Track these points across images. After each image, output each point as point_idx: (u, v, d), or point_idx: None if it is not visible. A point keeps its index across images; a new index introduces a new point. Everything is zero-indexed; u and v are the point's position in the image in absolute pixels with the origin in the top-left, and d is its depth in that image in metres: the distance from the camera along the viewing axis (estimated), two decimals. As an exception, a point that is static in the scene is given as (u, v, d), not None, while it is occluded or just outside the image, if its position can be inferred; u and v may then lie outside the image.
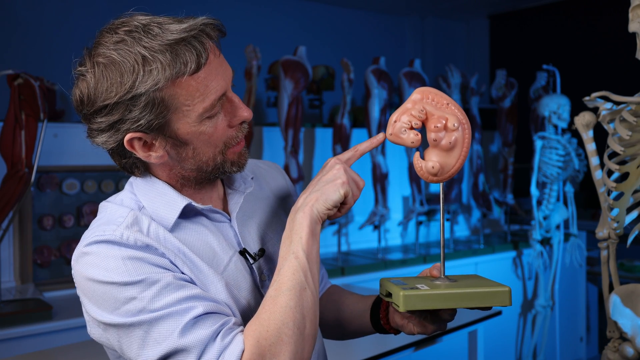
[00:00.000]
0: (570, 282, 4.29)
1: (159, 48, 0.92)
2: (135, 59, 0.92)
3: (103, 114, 0.94)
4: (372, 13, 5.81)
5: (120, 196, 1.07)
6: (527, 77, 4.55)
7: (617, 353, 1.80)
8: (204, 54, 0.94)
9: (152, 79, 0.91)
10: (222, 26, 1.00)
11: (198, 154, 1.00)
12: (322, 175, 1.01)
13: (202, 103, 0.95)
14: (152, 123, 0.94)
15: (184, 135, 0.97)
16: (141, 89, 0.91)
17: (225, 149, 1.01)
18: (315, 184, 1.01)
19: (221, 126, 1.00)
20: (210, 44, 0.96)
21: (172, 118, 0.95)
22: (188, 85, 0.94)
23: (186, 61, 0.92)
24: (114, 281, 0.92)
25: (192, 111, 0.95)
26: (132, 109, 0.93)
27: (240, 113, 1.01)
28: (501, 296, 1.00)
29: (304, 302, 0.94)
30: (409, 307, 0.98)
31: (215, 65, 0.97)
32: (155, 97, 0.93)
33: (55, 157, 2.89)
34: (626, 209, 1.79)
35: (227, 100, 1.00)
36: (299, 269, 0.95)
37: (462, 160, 1.01)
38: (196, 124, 0.96)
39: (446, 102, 1.02)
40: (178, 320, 0.91)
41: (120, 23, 0.96)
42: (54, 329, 2.41)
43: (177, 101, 0.94)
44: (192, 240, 1.03)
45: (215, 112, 0.98)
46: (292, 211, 1.00)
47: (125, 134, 0.96)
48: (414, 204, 3.76)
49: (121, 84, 0.92)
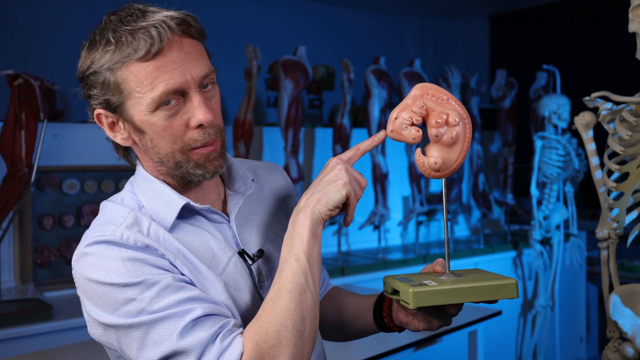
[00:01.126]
0: (570, 282, 4.29)
1: (124, 32, 0.96)
2: (104, 40, 0.97)
3: (81, 86, 1.03)
4: (372, 13, 5.81)
5: (120, 195, 1.07)
6: (527, 77, 4.55)
7: (617, 353, 1.80)
8: (157, 44, 0.95)
9: (105, 59, 0.97)
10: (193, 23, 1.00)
11: (156, 146, 1.00)
12: (323, 175, 1.01)
13: (150, 93, 0.96)
14: (110, 102, 0.99)
15: (139, 123, 0.99)
16: (96, 66, 0.97)
17: (186, 148, 1.00)
18: (317, 184, 1.00)
19: (177, 123, 0.99)
20: (173, 37, 0.96)
21: (128, 103, 0.98)
22: (137, 71, 0.96)
23: (137, 48, 0.95)
24: (113, 282, 0.93)
25: (143, 99, 0.97)
26: (94, 85, 0.99)
27: (197, 114, 0.99)
28: (509, 288, 1.00)
29: (304, 305, 0.94)
30: (419, 304, 0.98)
31: (174, 59, 0.96)
32: (109, 78, 0.97)
33: (55, 157, 2.89)
34: (626, 209, 1.79)
35: (188, 99, 0.99)
36: (299, 271, 0.95)
37: (463, 155, 1.01)
38: (148, 112, 0.97)
39: (446, 98, 1.02)
40: (177, 322, 0.91)
41: (123, 8, 1.00)
42: (54, 329, 2.40)
43: (128, 86, 0.97)
44: (191, 240, 1.03)
45: (172, 106, 0.97)
46: (294, 212, 1.00)
47: (95, 109, 1.02)
48: (414, 204, 3.76)
49: (86, 60, 0.99)
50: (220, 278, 1.01)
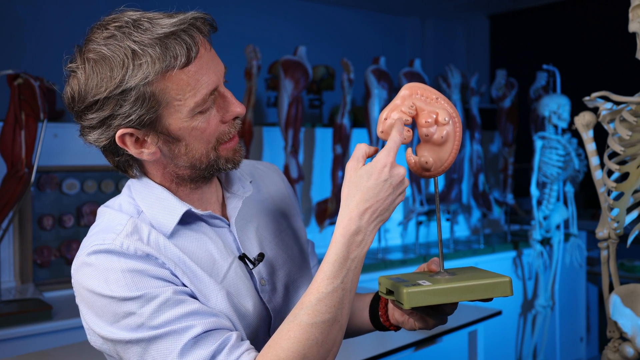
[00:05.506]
0: (570, 282, 4.29)
1: (149, 42, 0.91)
2: (125, 53, 0.91)
3: (94, 110, 0.94)
4: (372, 13, 5.80)
5: (118, 200, 1.05)
6: (527, 77, 4.55)
7: (617, 353, 1.80)
8: (194, 47, 0.93)
9: (142, 72, 0.91)
10: (213, 21, 0.99)
11: (190, 151, 0.98)
12: (386, 187, 0.93)
13: (194, 97, 0.94)
14: (144, 118, 0.93)
15: (176, 131, 0.96)
16: (131, 83, 0.91)
17: (218, 145, 1.00)
18: (376, 195, 0.93)
19: (214, 121, 0.98)
20: (200, 38, 0.96)
21: (164, 113, 0.94)
22: (179, 79, 0.93)
23: (176, 54, 0.92)
24: (113, 295, 0.91)
25: (184, 106, 0.94)
26: (122, 104, 0.92)
27: (232, 108, 1.00)
28: (503, 286, 1.00)
29: (331, 336, 0.91)
30: (413, 304, 0.97)
31: (207, 60, 0.96)
32: (146, 92, 0.92)
33: (55, 157, 2.89)
34: (626, 209, 1.79)
35: (220, 95, 0.99)
36: (341, 302, 0.91)
37: (454, 153, 1.01)
38: (188, 119, 0.95)
39: (435, 97, 1.02)
40: (177, 340, 0.90)
41: (111, 19, 0.95)
42: (54, 329, 2.40)
43: (168, 95, 0.93)
44: (191, 247, 1.01)
45: (207, 107, 0.97)
46: (347, 228, 0.93)
47: (117, 130, 0.95)
48: (413, 204, 3.76)
49: (111, 79, 0.91)
50: (221, 286, 1.00)
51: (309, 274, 1.18)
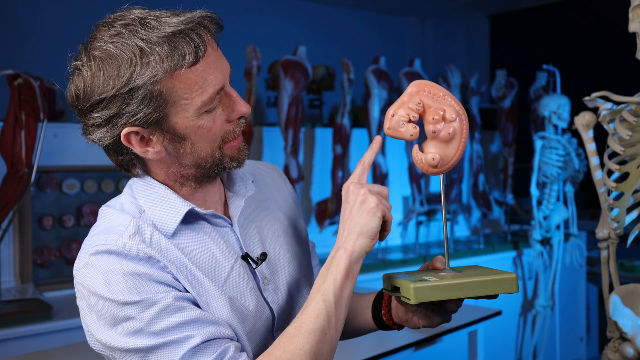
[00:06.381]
0: (570, 282, 4.29)
1: (157, 40, 0.91)
2: (132, 52, 0.90)
3: (99, 108, 0.93)
4: (372, 13, 5.80)
5: (119, 200, 1.04)
6: (527, 77, 4.55)
7: (617, 353, 1.80)
8: (202, 46, 0.93)
9: (150, 71, 0.90)
10: (220, 20, 0.99)
11: (196, 150, 0.98)
12: (350, 206, 0.97)
13: (201, 97, 0.94)
14: (150, 117, 0.93)
15: (182, 130, 0.96)
16: (139, 81, 0.90)
17: (223, 144, 1.00)
18: (349, 218, 0.97)
19: (219, 121, 0.98)
20: (208, 37, 0.95)
21: (170, 112, 0.94)
22: (186, 78, 0.93)
23: (184, 53, 0.91)
24: (113, 299, 0.91)
25: (191, 105, 0.94)
26: (129, 102, 0.91)
27: (238, 107, 1.00)
28: (509, 283, 1.00)
29: (320, 348, 0.91)
30: (420, 299, 0.97)
31: (214, 59, 0.96)
32: (153, 90, 0.91)
33: (55, 157, 2.89)
34: (626, 209, 1.79)
35: (225, 95, 0.99)
36: (324, 312, 0.92)
37: (461, 150, 1.01)
38: (194, 118, 0.95)
39: (442, 94, 1.02)
40: (175, 351, 0.89)
41: (117, 17, 0.95)
42: (54, 329, 2.40)
43: (175, 94, 0.93)
44: (193, 249, 1.00)
45: (214, 106, 0.97)
46: (334, 247, 0.97)
47: (122, 129, 0.94)
48: (414, 204, 3.76)
49: (118, 77, 0.90)
50: (222, 290, 0.99)
51: (312, 273, 1.18)
